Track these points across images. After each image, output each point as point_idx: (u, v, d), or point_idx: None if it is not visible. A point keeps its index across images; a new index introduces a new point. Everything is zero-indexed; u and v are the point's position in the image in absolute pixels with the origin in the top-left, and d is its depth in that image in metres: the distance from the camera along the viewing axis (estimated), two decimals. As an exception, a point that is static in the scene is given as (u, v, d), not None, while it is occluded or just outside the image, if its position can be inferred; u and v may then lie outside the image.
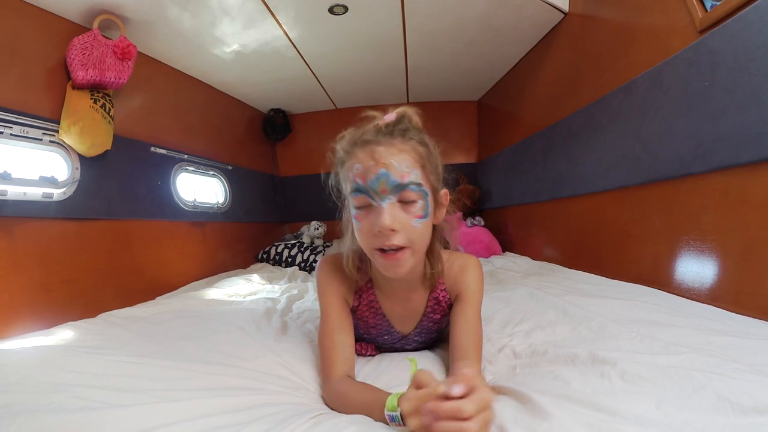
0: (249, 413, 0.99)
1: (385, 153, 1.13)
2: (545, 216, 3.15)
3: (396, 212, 1.13)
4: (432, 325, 1.47)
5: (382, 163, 1.11)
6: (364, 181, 1.12)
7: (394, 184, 1.11)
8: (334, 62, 3.47)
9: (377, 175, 1.11)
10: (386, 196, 1.12)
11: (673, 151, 1.76)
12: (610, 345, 1.18)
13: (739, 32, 1.46)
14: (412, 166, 1.14)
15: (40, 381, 1.08)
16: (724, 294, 1.54)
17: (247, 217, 4.14)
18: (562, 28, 2.80)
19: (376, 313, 1.44)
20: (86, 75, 2.17)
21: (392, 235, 1.12)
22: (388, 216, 1.10)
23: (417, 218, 1.15)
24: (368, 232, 1.16)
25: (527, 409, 0.87)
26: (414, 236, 1.16)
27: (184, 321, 1.88)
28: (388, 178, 1.11)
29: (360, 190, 1.14)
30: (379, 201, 1.12)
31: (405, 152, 1.15)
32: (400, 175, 1.11)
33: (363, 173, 1.13)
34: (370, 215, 1.15)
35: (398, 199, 1.14)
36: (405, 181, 1.12)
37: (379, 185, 1.11)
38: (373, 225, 1.13)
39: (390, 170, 1.11)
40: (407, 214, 1.14)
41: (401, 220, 1.13)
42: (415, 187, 1.14)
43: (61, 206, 2.18)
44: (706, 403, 0.79)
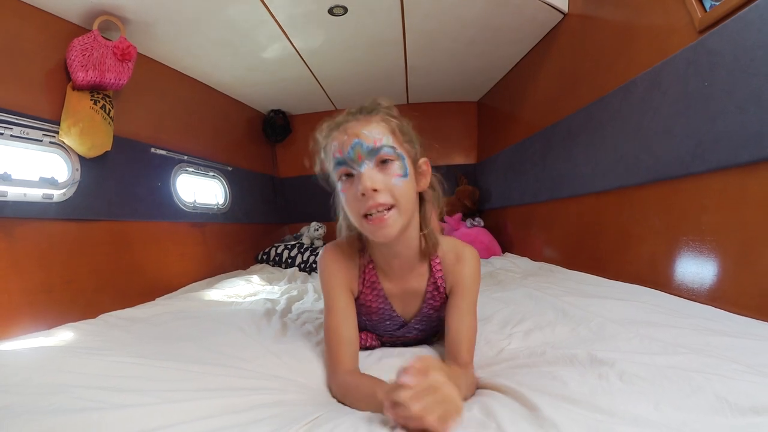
0: (250, 414, 0.99)
1: (357, 126, 1.23)
2: (545, 216, 3.15)
3: (374, 174, 1.20)
4: (432, 312, 1.48)
5: (353, 133, 1.21)
6: (342, 154, 1.22)
7: (368, 149, 1.20)
8: (334, 63, 3.46)
9: (351, 145, 1.20)
10: (362, 161, 1.20)
11: (672, 151, 1.77)
12: (608, 345, 1.19)
13: (739, 32, 1.46)
14: (382, 133, 1.23)
15: (41, 382, 1.08)
16: (723, 294, 1.54)
17: (246, 218, 4.14)
18: (562, 29, 2.80)
19: (378, 296, 1.45)
20: (86, 76, 2.17)
21: (375, 195, 1.18)
22: (367, 178, 1.18)
23: (396, 176, 1.22)
24: (353, 199, 1.22)
25: (525, 410, 0.87)
26: (397, 194, 1.22)
27: (184, 322, 1.88)
28: (362, 146, 1.20)
29: (340, 163, 1.23)
30: (358, 168, 1.21)
31: (374, 122, 1.25)
32: (372, 140, 1.20)
33: (340, 147, 1.22)
34: (354, 184, 1.22)
35: (375, 163, 1.21)
36: (377, 145, 1.20)
37: (354, 153, 1.20)
38: (356, 191, 1.20)
39: (362, 138, 1.20)
40: (386, 175, 1.21)
41: (381, 180, 1.20)
42: (389, 149, 1.22)
43: (61, 207, 2.18)
44: (704, 403, 0.79)
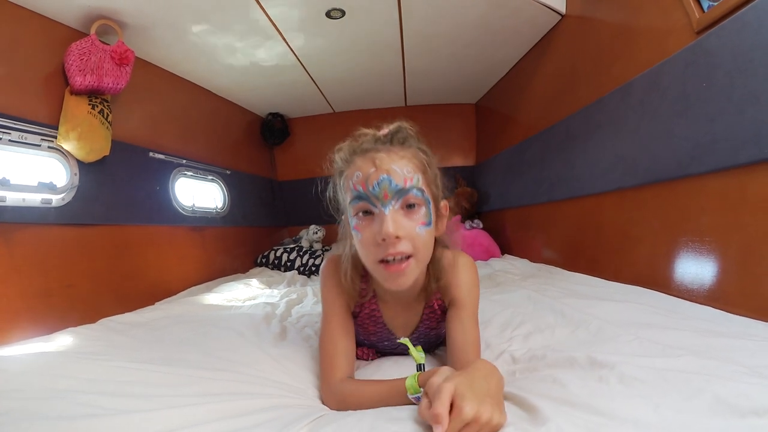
0: (249, 418, 0.99)
1: (386, 159, 1.11)
2: (543, 218, 3.15)
3: (399, 218, 1.10)
4: (429, 331, 1.45)
5: (383, 168, 1.09)
6: (365, 188, 1.09)
7: (397, 189, 1.09)
8: (332, 66, 3.47)
9: (378, 180, 1.08)
10: (389, 201, 1.09)
11: (670, 152, 1.77)
12: (608, 348, 1.18)
13: (737, 33, 1.46)
14: (414, 171, 1.12)
15: (40, 387, 1.08)
16: (722, 295, 1.54)
17: (245, 221, 4.14)
18: (560, 30, 2.80)
19: (376, 322, 1.42)
20: (84, 80, 2.17)
21: (397, 243, 1.09)
22: (391, 222, 1.07)
23: (421, 225, 1.12)
24: (370, 242, 1.12)
25: (526, 414, 0.88)
26: (419, 244, 1.12)
27: (183, 326, 1.88)
28: (390, 183, 1.08)
29: (361, 197, 1.11)
30: (381, 207, 1.09)
31: (406, 158, 1.13)
32: (403, 179, 1.09)
33: (364, 180, 1.10)
34: (372, 224, 1.11)
35: (401, 206, 1.11)
36: (407, 186, 1.09)
37: (381, 191, 1.08)
38: (375, 234, 1.09)
39: (392, 175, 1.08)
40: (411, 221, 1.11)
41: (405, 226, 1.10)
42: (418, 192, 1.12)
43: (60, 212, 2.18)
44: (704, 405, 0.79)
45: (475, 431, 0.78)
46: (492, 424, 0.79)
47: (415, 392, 1.00)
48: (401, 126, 1.21)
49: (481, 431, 0.79)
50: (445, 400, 0.78)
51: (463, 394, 0.79)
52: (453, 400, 0.79)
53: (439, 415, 0.76)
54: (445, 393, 0.79)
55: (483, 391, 0.83)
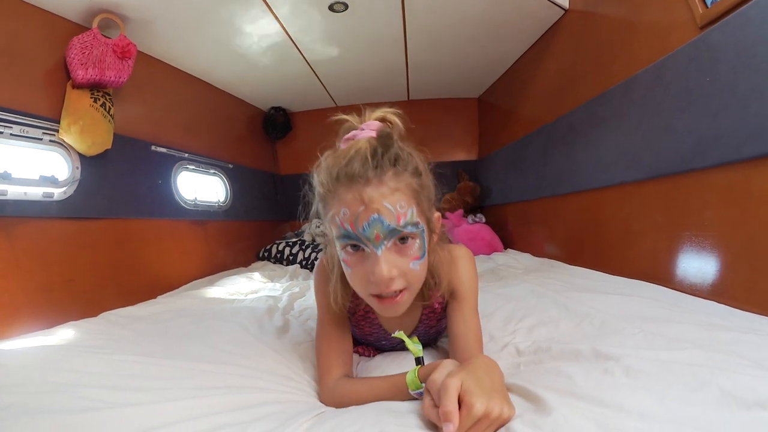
0: (252, 412, 0.99)
1: (376, 195, 0.99)
2: (546, 212, 3.15)
3: (392, 258, 1.03)
4: (429, 329, 1.45)
5: (373, 207, 0.98)
6: (354, 229, 1.00)
7: (389, 229, 1.00)
8: (335, 60, 3.45)
9: (369, 221, 0.98)
10: (380, 242, 1.00)
11: (673, 147, 1.76)
12: (613, 341, 1.18)
13: (740, 28, 1.45)
14: (407, 205, 1.02)
15: (42, 381, 1.07)
16: (726, 290, 1.54)
17: (248, 215, 4.14)
18: (563, 25, 2.79)
19: (372, 323, 1.41)
20: (86, 74, 2.17)
21: (390, 283, 1.03)
22: (385, 265, 1.00)
23: (415, 260, 1.06)
24: (362, 279, 1.06)
25: (532, 406, 0.87)
26: (412, 279, 1.07)
27: (185, 320, 1.88)
28: (382, 224, 0.99)
29: (350, 237, 1.03)
30: (373, 248, 1.01)
31: (399, 191, 1.01)
32: (395, 217, 0.99)
33: (352, 219, 1.00)
34: (363, 262, 1.05)
35: (393, 242, 1.03)
36: (401, 223, 1.00)
37: (372, 232, 0.99)
38: (368, 273, 1.03)
39: (383, 215, 0.98)
40: (404, 257, 1.05)
41: (398, 265, 1.04)
42: (412, 227, 1.03)
43: (62, 206, 2.18)
44: (710, 398, 0.79)
45: (485, 427, 0.78)
46: (502, 418, 0.79)
47: (417, 388, 0.98)
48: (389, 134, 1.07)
49: (491, 426, 0.79)
50: (453, 397, 0.77)
51: (471, 390, 0.78)
52: (460, 396, 0.78)
53: (450, 412, 0.75)
54: (452, 389, 0.78)
55: (489, 386, 0.82)
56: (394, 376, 1.09)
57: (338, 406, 1.10)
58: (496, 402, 0.79)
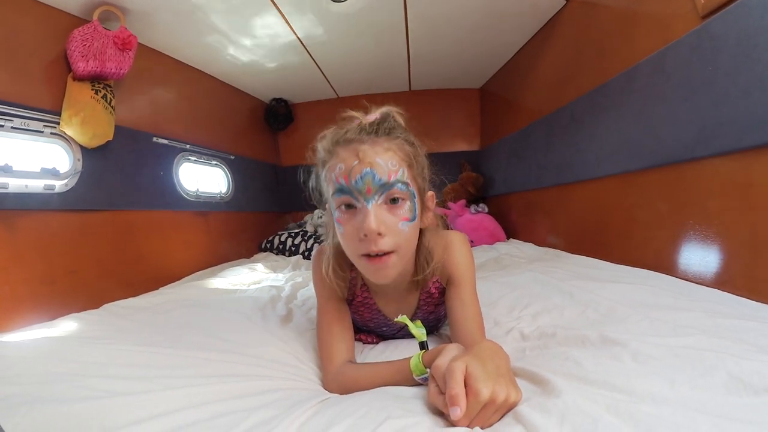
0: (255, 399, 0.99)
1: (370, 151, 1.08)
2: (549, 202, 3.15)
3: (382, 214, 1.08)
4: (428, 315, 1.45)
5: (366, 161, 1.06)
6: (348, 181, 1.07)
7: (380, 183, 1.06)
8: (336, 50, 3.45)
9: (362, 174, 1.05)
10: (371, 196, 1.06)
11: (676, 135, 1.76)
12: (619, 327, 1.18)
13: (742, 17, 1.45)
14: (398, 164, 1.09)
15: (43, 372, 1.07)
16: (730, 278, 1.54)
17: (250, 206, 4.14)
18: (565, 14, 2.78)
19: (371, 309, 1.42)
20: (87, 66, 2.16)
21: (378, 240, 1.06)
22: (373, 218, 1.05)
23: (404, 221, 1.10)
24: (353, 236, 1.10)
25: (539, 389, 0.87)
26: (401, 240, 1.10)
27: (188, 310, 1.88)
28: (374, 177, 1.05)
29: (343, 191, 1.09)
30: (364, 202, 1.07)
31: (391, 150, 1.10)
32: (387, 173, 1.07)
33: (347, 173, 1.07)
34: (355, 218, 1.10)
35: (384, 200, 1.09)
36: (392, 180, 1.07)
37: (363, 185, 1.06)
38: (358, 229, 1.08)
39: (375, 168, 1.06)
40: (394, 216, 1.09)
41: (388, 222, 1.08)
42: (403, 186, 1.09)
43: (63, 198, 2.17)
44: (718, 382, 0.79)
45: (492, 411, 0.77)
46: (509, 402, 0.79)
47: (421, 373, 0.99)
48: (389, 113, 1.19)
49: (498, 411, 0.79)
50: (460, 380, 0.77)
51: (477, 374, 0.78)
52: (466, 380, 0.78)
53: (457, 395, 0.75)
54: (458, 372, 0.78)
55: (494, 370, 0.82)
56: (398, 361, 1.09)
57: (342, 393, 1.11)
58: (503, 386, 0.79)
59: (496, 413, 0.78)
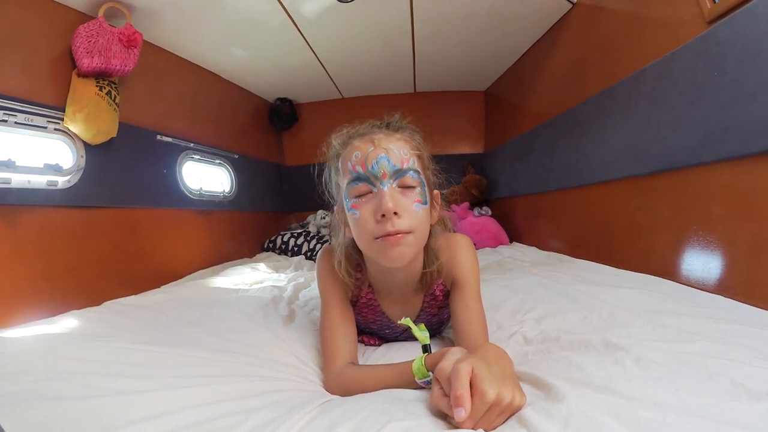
0: (256, 400, 0.99)
1: (384, 140, 1.15)
2: (553, 206, 3.14)
3: (396, 196, 1.11)
4: (431, 317, 1.45)
5: (381, 147, 1.13)
6: (365, 168, 1.12)
7: (395, 169, 1.12)
8: (342, 51, 3.45)
9: (377, 159, 1.11)
10: (387, 180, 1.12)
11: (682, 140, 1.75)
12: (622, 332, 1.18)
13: (748, 23, 1.45)
14: (410, 153, 1.16)
15: (43, 369, 1.06)
16: (733, 285, 1.54)
17: (253, 206, 4.14)
18: (571, 18, 2.78)
19: (375, 310, 1.42)
20: (92, 62, 2.16)
21: (395, 219, 1.09)
22: (389, 198, 1.09)
23: (417, 203, 1.14)
24: (368, 219, 1.12)
25: (543, 394, 0.87)
26: (416, 221, 1.13)
27: (189, 309, 1.87)
28: (388, 161, 1.12)
29: (360, 178, 1.14)
30: (380, 185, 1.11)
31: (402, 140, 1.18)
32: (400, 160, 1.13)
33: (363, 159, 1.13)
34: (371, 202, 1.13)
35: (398, 185, 1.13)
36: (405, 167, 1.13)
37: (379, 169, 1.11)
38: (374, 210, 1.11)
39: (389, 154, 1.12)
40: (407, 199, 1.13)
41: (403, 204, 1.12)
42: (414, 174, 1.15)
43: (66, 194, 2.17)
44: (721, 388, 0.79)
45: (497, 413, 0.77)
46: (514, 405, 0.79)
47: (423, 376, 0.98)
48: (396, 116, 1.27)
49: (503, 413, 0.78)
50: (465, 381, 0.77)
51: (483, 376, 0.78)
52: (472, 382, 0.78)
53: (462, 396, 0.75)
54: (463, 373, 0.78)
55: (500, 373, 0.81)
56: (400, 364, 1.09)
57: (343, 394, 1.11)
58: (508, 388, 0.78)
59: (501, 416, 0.78)
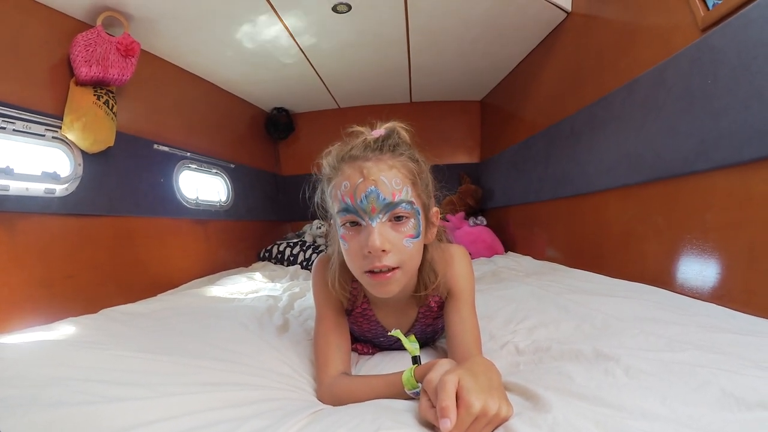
0: (250, 408, 0.99)
1: (375, 169, 1.09)
2: (548, 215, 3.15)
3: (386, 232, 1.09)
4: (426, 328, 1.45)
5: (371, 180, 1.07)
6: (353, 200, 1.08)
7: (385, 203, 1.07)
8: (338, 61, 3.46)
9: (366, 193, 1.07)
10: (376, 215, 1.08)
11: (675, 149, 1.76)
12: (613, 342, 1.18)
13: (741, 30, 1.46)
14: (402, 183, 1.10)
15: (39, 375, 1.07)
16: (727, 293, 1.54)
17: (249, 215, 4.14)
18: (565, 28, 2.80)
19: (370, 320, 1.42)
20: (89, 71, 2.17)
21: (383, 256, 1.08)
22: (378, 236, 1.06)
23: (408, 238, 1.11)
24: (357, 253, 1.11)
25: (531, 404, 0.87)
26: (405, 257, 1.12)
27: (185, 317, 1.88)
28: (378, 196, 1.07)
29: (348, 210, 1.10)
30: (369, 220, 1.08)
31: (395, 168, 1.11)
32: (391, 192, 1.08)
33: (351, 191, 1.08)
34: (359, 235, 1.10)
35: (389, 218, 1.10)
36: (396, 200, 1.08)
37: (368, 204, 1.07)
38: (362, 246, 1.09)
39: (380, 187, 1.07)
40: (398, 234, 1.10)
41: (392, 240, 1.09)
42: (407, 205, 1.10)
43: (63, 202, 2.17)
44: (711, 398, 0.79)
45: (484, 425, 0.77)
46: (500, 416, 0.78)
47: (413, 387, 0.98)
48: (394, 129, 1.21)
49: (489, 425, 0.78)
50: (451, 393, 0.77)
51: (469, 387, 0.77)
52: (458, 393, 0.77)
53: (447, 408, 0.75)
54: (450, 385, 0.77)
55: (487, 384, 0.81)
56: (391, 375, 1.09)
57: (335, 404, 1.11)
58: (494, 400, 0.78)
59: (487, 426, 0.78)
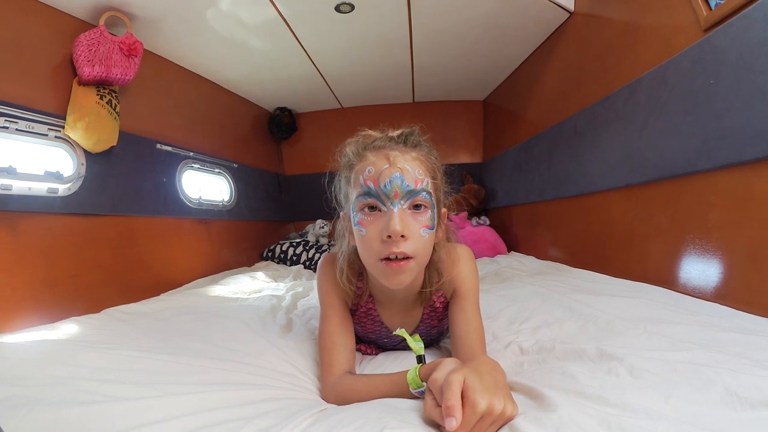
0: (254, 408, 0.99)
1: (400, 157, 1.12)
2: (551, 215, 3.14)
3: (406, 218, 1.10)
4: (431, 329, 1.45)
5: (396, 166, 1.10)
6: (376, 185, 1.09)
7: (408, 189, 1.09)
8: (340, 61, 3.47)
9: (391, 178, 1.09)
10: (398, 201, 1.09)
11: (678, 149, 1.76)
12: (617, 342, 1.17)
13: (744, 30, 1.46)
14: (424, 174, 1.13)
15: (43, 374, 1.08)
16: (730, 292, 1.54)
17: (252, 215, 4.14)
18: (568, 28, 2.79)
19: (374, 321, 1.42)
20: (92, 71, 2.18)
21: (401, 242, 1.08)
22: (398, 221, 1.07)
23: (425, 228, 1.13)
24: (374, 238, 1.11)
25: (535, 404, 0.87)
26: (420, 246, 1.12)
27: (188, 317, 1.87)
28: (402, 182, 1.09)
29: (370, 194, 1.11)
30: (390, 205, 1.09)
31: (419, 160, 1.15)
32: (414, 180, 1.10)
33: (375, 176, 1.10)
34: (378, 221, 1.11)
35: (409, 206, 1.11)
36: (418, 188, 1.10)
37: (392, 189, 1.09)
38: (381, 231, 1.09)
39: (404, 174, 1.09)
40: (416, 222, 1.12)
41: (411, 227, 1.10)
42: (427, 195, 1.13)
43: (66, 202, 2.18)
44: (714, 397, 0.79)
45: (489, 424, 0.77)
46: (506, 415, 0.79)
47: (417, 386, 0.98)
48: (414, 129, 1.22)
49: (495, 423, 0.78)
50: (457, 392, 0.77)
51: (474, 386, 0.77)
52: (464, 392, 0.77)
53: (453, 407, 0.75)
54: (455, 384, 0.78)
55: (492, 384, 0.81)
56: (396, 374, 1.09)
57: (340, 403, 1.11)
58: (499, 399, 0.78)
59: (492, 425, 0.78)
